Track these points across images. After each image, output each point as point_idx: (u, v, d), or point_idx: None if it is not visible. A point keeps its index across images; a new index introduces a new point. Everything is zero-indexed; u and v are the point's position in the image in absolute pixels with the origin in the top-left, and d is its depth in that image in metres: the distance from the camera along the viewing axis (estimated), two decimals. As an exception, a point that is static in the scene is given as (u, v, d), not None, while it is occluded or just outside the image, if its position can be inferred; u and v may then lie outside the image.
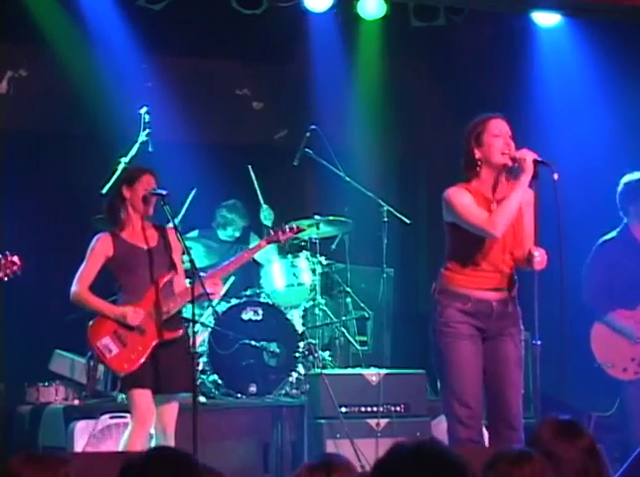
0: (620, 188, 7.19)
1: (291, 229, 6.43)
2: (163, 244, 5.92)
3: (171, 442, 5.81)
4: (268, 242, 6.45)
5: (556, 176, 5.17)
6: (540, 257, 5.25)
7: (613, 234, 7.28)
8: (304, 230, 6.92)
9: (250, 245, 7.56)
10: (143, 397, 5.74)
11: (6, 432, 7.52)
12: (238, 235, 8.73)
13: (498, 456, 2.96)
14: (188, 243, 6.28)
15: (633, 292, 7.16)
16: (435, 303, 5.40)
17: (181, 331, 5.88)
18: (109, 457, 5.33)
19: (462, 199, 5.30)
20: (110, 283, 6.01)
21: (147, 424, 5.75)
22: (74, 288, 5.85)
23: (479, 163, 5.35)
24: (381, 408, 7.06)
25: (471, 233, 5.29)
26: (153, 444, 5.78)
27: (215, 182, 8.65)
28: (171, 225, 5.99)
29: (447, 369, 5.35)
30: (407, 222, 7.93)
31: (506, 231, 5.28)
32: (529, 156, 5.23)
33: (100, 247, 5.87)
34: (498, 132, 5.33)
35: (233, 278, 8.13)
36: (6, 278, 5.64)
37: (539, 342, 5.24)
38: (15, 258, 5.63)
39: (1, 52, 8.53)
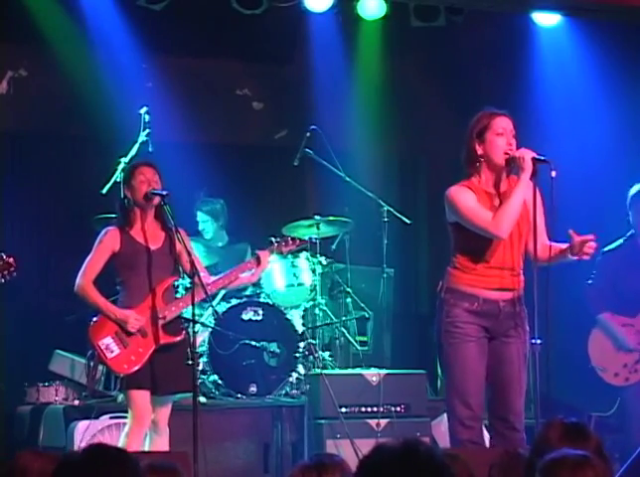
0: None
1: (293, 240, 6.40)
2: (169, 247, 5.91)
3: (165, 435, 5.89)
4: (271, 253, 6.40)
5: (553, 173, 5.16)
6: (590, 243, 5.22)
7: (619, 242, 7.27)
8: (306, 242, 6.89)
9: (248, 257, 7.52)
10: (141, 397, 5.76)
11: (6, 432, 7.52)
12: (217, 236, 8.53)
13: (554, 462, 2.85)
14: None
15: (634, 301, 7.17)
16: (442, 302, 5.35)
17: (182, 335, 5.87)
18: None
19: (465, 199, 5.25)
20: (112, 282, 6.00)
21: (144, 424, 5.79)
22: (78, 280, 5.83)
23: (480, 159, 5.30)
24: (381, 409, 7.05)
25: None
26: (147, 440, 5.85)
27: (215, 182, 8.64)
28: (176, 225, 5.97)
29: (452, 370, 5.33)
30: (408, 222, 7.91)
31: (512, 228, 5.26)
32: (527, 155, 5.20)
33: (108, 241, 5.86)
34: (502, 131, 5.28)
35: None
36: (3, 280, 5.62)
37: (538, 341, 5.22)
38: (11, 260, 5.60)
39: (1, 52, 8.53)
